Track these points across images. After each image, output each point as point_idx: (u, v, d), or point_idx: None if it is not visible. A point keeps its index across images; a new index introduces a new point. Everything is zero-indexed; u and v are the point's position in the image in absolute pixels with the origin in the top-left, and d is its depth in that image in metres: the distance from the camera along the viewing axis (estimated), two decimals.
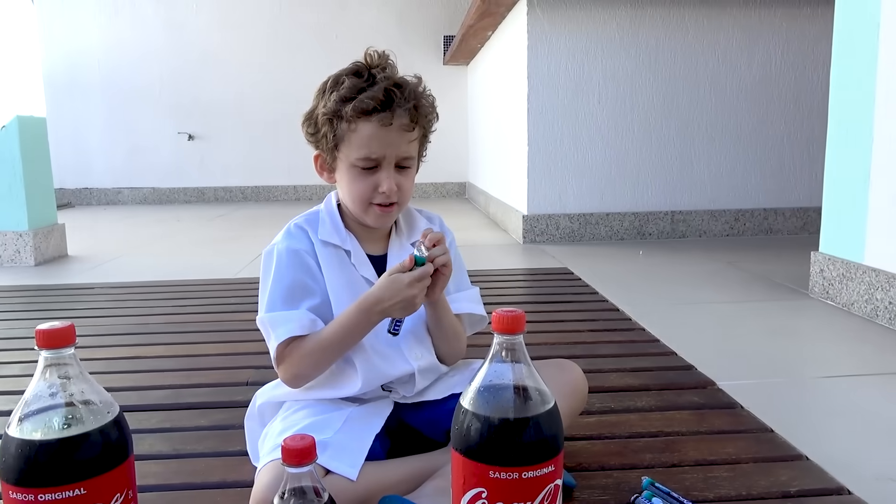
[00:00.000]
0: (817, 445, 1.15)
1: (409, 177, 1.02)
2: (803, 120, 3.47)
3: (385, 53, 1.02)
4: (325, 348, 0.94)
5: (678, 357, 1.61)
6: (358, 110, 0.95)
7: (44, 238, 3.09)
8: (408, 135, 0.98)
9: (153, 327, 1.95)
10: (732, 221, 3.51)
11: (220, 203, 6.16)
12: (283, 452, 0.61)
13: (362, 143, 0.96)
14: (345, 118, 0.96)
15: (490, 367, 0.64)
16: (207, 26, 6.13)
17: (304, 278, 1.00)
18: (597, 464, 1.09)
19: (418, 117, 0.99)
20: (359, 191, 0.98)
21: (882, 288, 1.87)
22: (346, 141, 0.98)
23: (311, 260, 1.01)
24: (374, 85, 0.96)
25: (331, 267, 1.01)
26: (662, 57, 3.38)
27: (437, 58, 6.22)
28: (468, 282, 1.16)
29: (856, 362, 1.61)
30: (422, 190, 6.39)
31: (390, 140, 0.96)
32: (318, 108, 1.00)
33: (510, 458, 0.61)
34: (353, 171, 0.98)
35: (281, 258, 1.00)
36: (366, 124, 0.95)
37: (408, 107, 0.96)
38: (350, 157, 0.98)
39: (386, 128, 0.95)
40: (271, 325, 0.95)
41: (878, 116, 1.90)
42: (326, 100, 0.99)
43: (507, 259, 3.06)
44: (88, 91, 6.14)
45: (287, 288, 0.98)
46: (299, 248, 1.01)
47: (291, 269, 1.00)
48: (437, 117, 1.07)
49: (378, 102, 0.94)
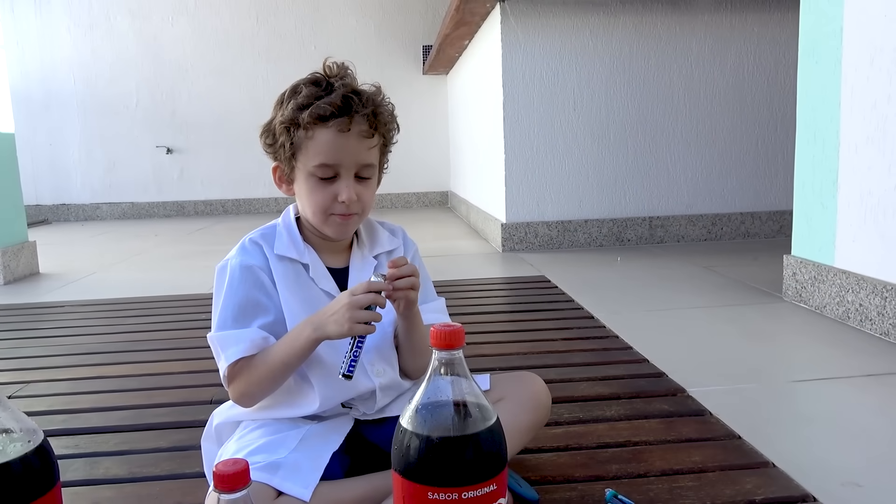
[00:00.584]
0: (785, 452, 1.14)
1: (369, 187, 1.00)
2: (777, 123, 3.49)
3: (344, 64, 1.00)
4: (271, 367, 0.92)
5: (650, 364, 1.60)
6: (315, 116, 0.92)
7: (13, 256, 3.04)
8: (367, 141, 0.96)
9: (119, 345, 1.92)
10: (710, 226, 3.52)
11: (200, 217, 6.11)
12: (215, 478, 0.59)
13: (319, 150, 0.94)
14: (302, 125, 0.94)
15: (429, 383, 0.62)
16: (183, 38, 6.10)
17: (258, 295, 0.97)
18: (562, 476, 1.07)
19: (377, 124, 0.97)
20: (317, 201, 0.96)
21: (852, 290, 1.88)
22: (303, 149, 0.95)
23: (264, 276, 0.98)
24: (332, 92, 0.94)
25: (286, 283, 0.99)
26: (636, 63, 3.40)
27: (416, 68, 6.23)
28: (434, 293, 1.14)
29: (827, 366, 1.60)
30: (404, 200, 6.38)
31: (349, 147, 0.94)
32: (276, 118, 0.99)
33: (448, 478, 0.59)
34: (312, 180, 0.96)
35: (234, 275, 0.98)
36: (323, 131, 0.93)
37: (366, 112, 0.94)
38: (308, 166, 0.95)
39: (344, 134, 0.93)
40: (221, 345, 0.93)
41: (844, 118, 1.91)
42: (284, 109, 0.97)
43: (484, 268, 3.05)
44: (64, 106, 6.09)
45: (238, 306, 0.96)
46: (253, 263, 0.98)
47: (244, 286, 0.97)
48: (397, 128, 1.05)
49: (335, 108, 0.92)
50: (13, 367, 1.75)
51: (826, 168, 2.01)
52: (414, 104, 6.21)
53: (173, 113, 6.17)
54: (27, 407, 1.46)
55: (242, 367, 0.92)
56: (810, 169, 2.09)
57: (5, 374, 1.70)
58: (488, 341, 1.85)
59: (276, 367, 0.92)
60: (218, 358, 0.94)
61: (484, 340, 1.86)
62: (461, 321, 1.99)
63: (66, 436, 1.30)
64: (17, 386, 1.59)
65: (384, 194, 6.23)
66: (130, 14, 6.05)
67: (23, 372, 1.71)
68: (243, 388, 0.93)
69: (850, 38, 1.88)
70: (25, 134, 6.03)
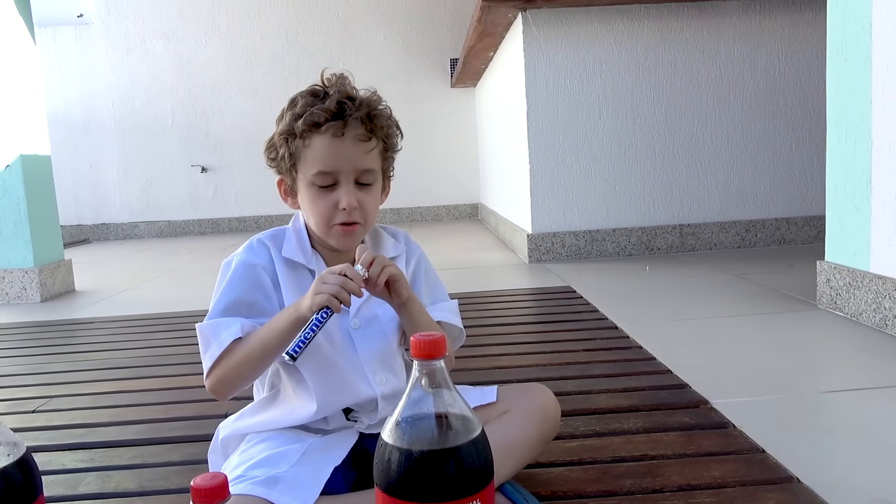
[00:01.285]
0: (812, 467, 1.08)
1: (371, 194, 0.97)
2: (811, 126, 3.39)
3: (343, 75, 0.99)
4: (250, 349, 0.90)
5: (673, 375, 1.55)
6: (309, 123, 0.92)
7: (50, 274, 3.12)
8: (364, 145, 0.94)
9: (144, 360, 1.94)
10: (743, 233, 3.42)
11: (234, 233, 6.21)
12: (192, 493, 0.57)
13: (317, 157, 0.93)
14: (298, 134, 0.93)
15: (410, 396, 0.60)
16: (216, 59, 6.24)
17: (255, 295, 0.97)
18: (573, 491, 1.03)
19: (373, 126, 0.95)
20: (319, 211, 0.95)
21: (890, 296, 1.79)
22: (301, 159, 0.95)
23: (266, 277, 0.98)
24: (327, 99, 0.94)
25: (290, 287, 0.98)
26: (662, 69, 3.34)
27: (444, 81, 6.25)
28: (445, 295, 1.12)
29: (861, 375, 1.53)
30: (434, 213, 6.38)
31: (345, 153, 0.93)
32: (276, 131, 0.99)
33: (429, 494, 0.56)
34: (312, 190, 0.95)
35: (236, 271, 0.98)
36: (318, 138, 0.93)
37: (359, 115, 0.93)
38: (307, 175, 0.95)
39: (339, 139, 0.92)
40: (211, 332, 0.91)
41: (876, 117, 1.84)
42: (282, 121, 0.97)
43: (509, 279, 3.02)
44: (103, 129, 6.27)
45: (233, 302, 0.95)
46: (256, 262, 0.98)
47: (243, 284, 0.97)
48: (400, 133, 1.03)
49: (329, 114, 0.92)
50: (39, 382, 1.79)
51: (858, 169, 1.93)
52: (443, 117, 6.23)
53: (207, 133, 6.30)
54: (49, 421, 1.48)
55: (224, 353, 0.91)
56: (842, 171, 2.02)
57: (32, 389, 1.73)
58: (507, 353, 1.82)
59: (256, 349, 0.89)
60: (206, 346, 0.92)
61: (503, 352, 1.83)
62: (482, 333, 1.97)
63: (83, 450, 1.31)
64: (41, 401, 1.62)
65: (414, 208, 6.25)
66: (165, 37, 6.22)
67: (48, 387, 1.74)
68: (220, 373, 0.91)
69: (880, 34, 1.81)
70: (66, 157, 6.23)
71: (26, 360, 2.05)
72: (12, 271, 3.01)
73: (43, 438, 1.38)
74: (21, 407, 1.59)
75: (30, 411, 1.55)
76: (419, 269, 1.10)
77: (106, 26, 6.19)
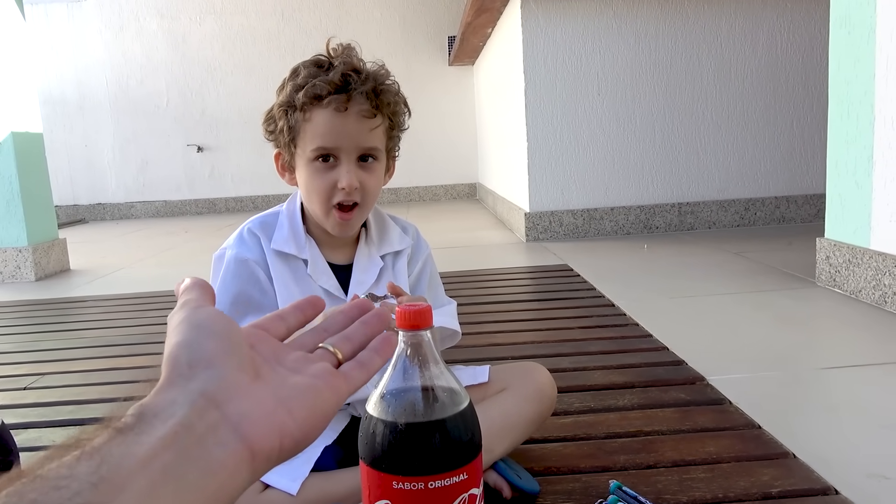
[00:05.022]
0: (808, 442, 1.07)
1: (373, 174, 0.93)
2: (813, 103, 3.35)
3: (350, 45, 0.95)
4: None
5: (669, 352, 1.54)
6: (310, 95, 0.88)
7: (44, 253, 3.10)
8: (368, 122, 0.90)
9: (136, 338, 1.93)
10: (743, 211, 3.40)
11: (231, 213, 6.18)
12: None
13: (316, 132, 0.89)
14: (298, 107, 0.89)
15: (395, 368, 0.58)
16: (210, 37, 6.16)
17: (251, 291, 0.94)
18: (566, 467, 1.02)
19: (379, 102, 0.90)
20: (317, 189, 0.91)
21: (890, 273, 1.77)
22: (301, 133, 0.91)
23: (259, 271, 0.94)
24: (331, 71, 0.90)
25: (282, 280, 0.94)
26: (662, 45, 3.29)
27: (442, 59, 6.18)
28: (444, 297, 1.10)
29: (859, 352, 1.51)
30: (432, 192, 6.35)
31: (347, 129, 0.89)
32: (275, 102, 0.95)
33: (412, 467, 0.54)
34: (311, 166, 0.91)
35: (228, 267, 0.95)
36: (320, 112, 0.88)
37: (364, 89, 0.88)
38: (306, 151, 0.91)
39: (342, 114, 0.88)
40: None
41: (879, 91, 1.80)
42: (283, 92, 0.94)
43: (506, 258, 2.99)
44: (98, 108, 6.21)
45: (230, 302, 0.93)
46: (248, 257, 0.94)
47: (236, 281, 0.94)
48: (408, 110, 0.98)
49: (333, 87, 0.87)
50: (32, 360, 1.77)
51: (860, 145, 1.90)
52: (441, 96, 6.17)
53: (203, 112, 6.24)
54: (39, 398, 1.47)
55: None
56: (843, 146, 1.99)
57: (24, 367, 1.71)
58: (504, 330, 1.81)
59: None
60: None
61: (499, 330, 1.81)
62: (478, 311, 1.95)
63: (73, 426, 1.30)
64: (33, 378, 1.61)
65: (411, 187, 6.21)
66: (159, 15, 6.13)
67: (40, 364, 1.72)
68: None
69: (885, 5, 1.77)
70: (62, 136, 6.18)
71: (19, 339, 2.04)
72: (6, 250, 2.98)
73: (34, 415, 1.37)
74: (12, 384, 1.58)
75: (21, 388, 1.54)
76: (425, 270, 1.07)
77: (99, 3, 6.10)
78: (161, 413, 0.32)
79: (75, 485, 0.27)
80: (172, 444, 0.31)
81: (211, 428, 0.33)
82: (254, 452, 0.34)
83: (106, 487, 0.28)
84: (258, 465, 0.34)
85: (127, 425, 0.31)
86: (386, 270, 1.01)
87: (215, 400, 0.34)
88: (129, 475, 0.28)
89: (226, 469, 0.32)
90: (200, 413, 0.33)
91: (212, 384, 0.34)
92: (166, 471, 0.30)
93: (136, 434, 0.30)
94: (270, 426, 0.35)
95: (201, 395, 0.33)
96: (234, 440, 0.33)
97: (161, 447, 0.30)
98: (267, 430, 0.35)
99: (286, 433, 0.36)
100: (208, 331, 0.37)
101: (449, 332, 1.05)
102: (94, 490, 0.27)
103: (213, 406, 0.33)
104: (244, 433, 0.34)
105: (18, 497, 0.26)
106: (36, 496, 0.26)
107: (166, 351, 0.36)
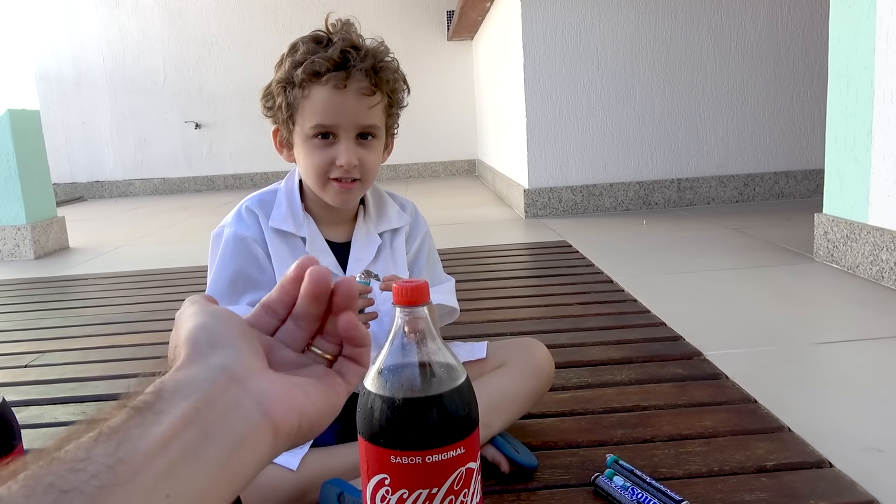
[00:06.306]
0: (803, 416, 1.08)
1: (372, 151, 0.93)
2: (813, 77, 3.33)
3: (349, 21, 0.94)
4: None
5: (666, 328, 1.54)
6: (309, 72, 0.87)
7: (43, 231, 3.10)
8: (367, 100, 0.89)
9: (136, 315, 1.93)
10: (742, 187, 3.39)
11: (230, 190, 6.16)
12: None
13: (316, 109, 0.89)
14: (297, 83, 0.89)
15: (392, 343, 0.58)
16: (207, 12, 6.09)
17: (249, 269, 0.94)
18: (563, 441, 1.03)
19: (378, 80, 0.90)
20: (315, 165, 0.91)
21: (887, 248, 1.78)
22: (300, 110, 0.90)
23: (258, 249, 0.94)
24: (330, 47, 0.89)
25: (281, 258, 0.94)
26: (662, 18, 3.26)
27: (441, 34, 6.12)
28: (443, 275, 1.10)
29: (856, 327, 1.52)
30: (431, 168, 6.32)
31: (346, 106, 0.88)
32: (274, 78, 0.94)
33: (409, 442, 0.55)
34: (309, 143, 0.91)
35: (227, 246, 0.95)
36: (319, 88, 0.88)
37: (364, 66, 0.87)
38: (304, 128, 0.90)
39: (341, 91, 0.87)
40: None
41: (879, 65, 1.79)
42: (282, 68, 0.93)
43: (505, 234, 2.99)
44: (94, 84, 6.16)
45: (229, 280, 0.93)
46: (246, 235, 0.94)
47: (235, 259, 0.94)
48: (407, 88, 0.98)
49: (332, 63, 0.86)
50: (32, 338, 1.78)
51: (859, 119, 1.89)
52: (439, 71, 6.11)
53: (200, 88, 6.19)
54: (40, 375, 1.47)
55: None
56: (843, 121, 1.98)
57: (24, 345, 1.72)
58: (502, 307, 1.81)
59: None
60: None
61: (497, 306, 1.82)
62: (477, 287, 1.96)
63: (74, 403, 1.31)
64: (33, 355, 1.62)
65: (410, 164, 6.19)
66: None
67: (40, 342, 1.73)
68: None
69: None
70: (59, 113, 6.13)
71: (19, 317, 2.04)
72: (4, 228, 2.98)
73: (34, 393, 1.38)
74: (13, 362, 1.58)
75: (21, 366, 1.55)
76: (423, 248, 1.07)
77: None
78: (182, 389, 0.32)
79: (92, 467, 0.27)
80: (194, 421, 0.31)
81: (233, 403, 0.33)
82: (276, 428, 0.34)
83: (123, 469, 0.27)
84: (280, 442, 0.35)
85: (146, 403, 0.31)
86: (384, 248, 1.01)
87: (237, 376, 0.34)
88: (146, 457, 0.28)
89: (248, 444, 0.32)
90: (223, 388, 0.33)
91: (233, 361, 0.34)
92: (186, 451, 0.30)
93: (156, 413, 0.30)
94: (290, 405, 0.35)
95: (223, 371, 0.34)
96: (258, 414, 0.33)
97: (181, 425, 0.30)
98: (288, 408, 0.35)
99: (304, 413, 0.36)
100: (223, 319, 0.37)
101: (447, 310, 1.05)
102: (111, 472, 0.27)
103: (235, 382, 0.34)
104: (267, 409, 0.34)
105: (35, 480, 0.26)
106: (53, 479, 0.26)
107: (184, 334, 0.36)
